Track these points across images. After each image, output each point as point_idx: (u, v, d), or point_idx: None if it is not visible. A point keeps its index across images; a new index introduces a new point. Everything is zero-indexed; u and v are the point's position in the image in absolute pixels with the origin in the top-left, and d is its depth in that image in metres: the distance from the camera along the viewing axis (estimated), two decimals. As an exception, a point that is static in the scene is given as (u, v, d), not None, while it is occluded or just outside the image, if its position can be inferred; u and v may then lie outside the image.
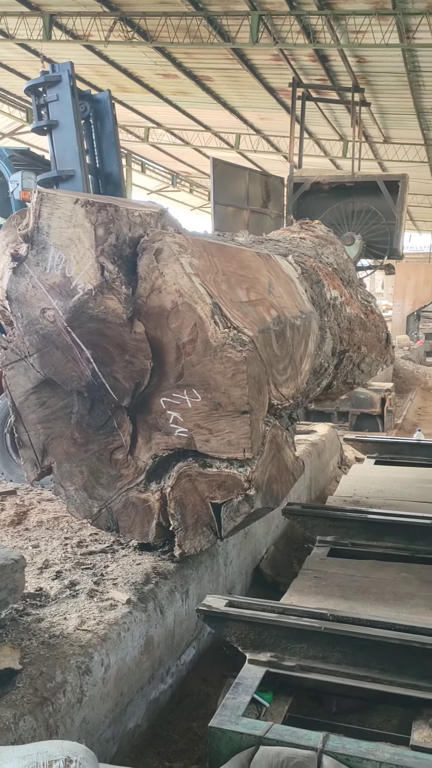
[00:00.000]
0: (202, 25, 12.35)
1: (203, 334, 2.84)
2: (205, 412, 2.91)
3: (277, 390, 3.21)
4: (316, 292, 4.14)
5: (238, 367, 2.81)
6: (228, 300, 2.99)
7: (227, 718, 2.30)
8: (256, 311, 3.17)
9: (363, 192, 11.32)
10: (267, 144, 21.04)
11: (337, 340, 4.26)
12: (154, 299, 2.90)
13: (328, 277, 4.43)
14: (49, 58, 14.17)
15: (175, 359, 2.92)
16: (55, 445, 3.28)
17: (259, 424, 2.99)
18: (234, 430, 2.87)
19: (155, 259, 2.90)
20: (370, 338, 4.88)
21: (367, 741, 2.20)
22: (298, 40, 12.40)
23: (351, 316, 4.56)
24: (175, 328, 2.89)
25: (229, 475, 2.91)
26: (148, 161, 25.71)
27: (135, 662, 2.60)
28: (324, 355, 4.04)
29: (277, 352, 3.23)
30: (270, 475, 3.15)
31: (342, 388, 4.88)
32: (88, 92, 5.21)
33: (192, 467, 2.98)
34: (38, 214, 3.01)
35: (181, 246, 2.94)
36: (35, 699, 2.09)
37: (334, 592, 3.44)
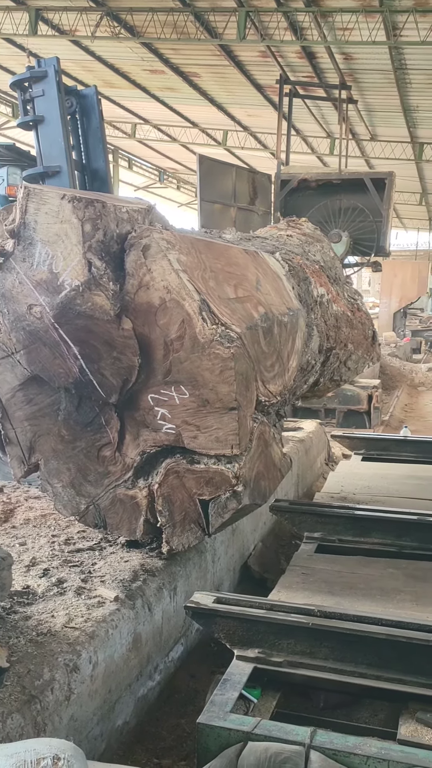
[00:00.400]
0: (190, 21, 12.33)
1: (191, 330, 2.84)
2: (193, 408, 2.91)
3: (265, 387, 3.21)
4: (303, 289, 4.15)
5: (226, 363, 2.81)
6: (216, 297, 3.00)
7: (215, 715, 2.30)
8: (244, 308, 3.18)
9: (350, 189, 11.35)
10: (254, 141, 21.06)
11: (324, 338, 4.28)
12: (141, 296, 2.90)
13: (315, 275, 4.44)
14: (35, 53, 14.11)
15: (163, 356, 2.91)
16: (43, 442, 3.27)
17: (247, 420, 3.00)
18: (222, 427, 2.87)
19: (143, 255, 2.89)
20: (357, 336, 4.91)
21: (354, 736, 2.21)
22: (285, 37, 12.42)
23: (338, 313, 4.58)
24: (163, 324, 2.88)
25: (216, 472, 2.92)
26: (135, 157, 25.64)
27: (123, 659, 2.60)
28: (311, 352, 4.05)
29: (265, 348, 3.24)
30: (258, 471, 3.16)
31: (329, 385, 4.90)
32: (74, 87, 5.19)
33: (180, 464, 2.99)
34: (25, 209, 3.00)
35: (169, 242, 2.93)
36: (23, 697, 2.09)
37: (322, 588, 3.45)
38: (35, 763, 1.48)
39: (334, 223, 11.35)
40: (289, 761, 2.05)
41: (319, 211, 11.37)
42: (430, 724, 2.37)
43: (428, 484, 5.45)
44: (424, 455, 6.43)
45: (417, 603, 3.28)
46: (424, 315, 29.14)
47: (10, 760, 1.50)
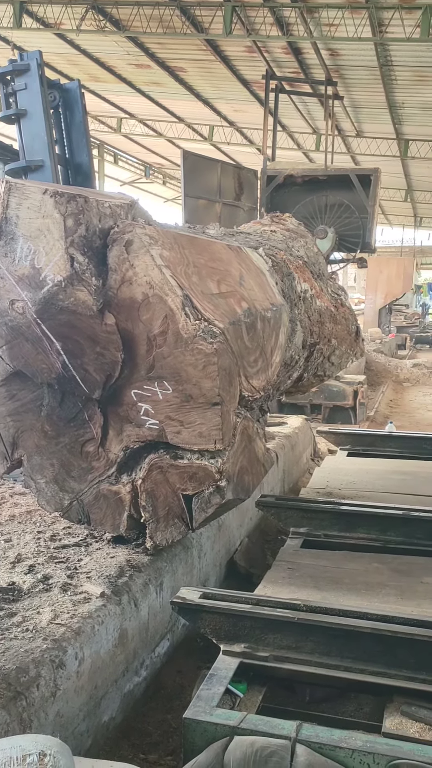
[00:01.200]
0: (176, 15, 12.28)
1: (174, 326, 2.84)
2: (177, 404, 2.91)
3: (248, 382, 3.22)
4: (287, 284, 4.15)
5: (209, 359, 2.82)
6: (199, 292, 2.99)
7: (201, 709, 2.31)
8: (227, 303, 3.18)
9: (336, 185, 11.36)
10: (240, 136, 21.04)
11: (308, 333, 4.29)
12: (124, 291, 2.89)
13: (299, 270, 4.45)
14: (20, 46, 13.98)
15: (146, 351, 2.91)
16: (26, 438, 3.26)
17: (230, 415, 3.00)
18: (205, 422, 2.88)
19: (126, 250, 2.89)
20: (341, 331, 4.92)
21: (340, 729, 2.23)
22: (271, 33, 12.41)
23: (321, 308, 4.59)
24: (146, 320, 2.88)
25: (200, 467, 2.92)
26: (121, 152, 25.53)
27: (109, 655, 2.60)
28: (295, 347, 4.06)
29: (248, 344, 3.24)
30: (241, 466, 3.16)
31: (313, 380, 4.92)
32: (57, 81, 5.14)
33: (163, 459, 2.99)
34: (6, 204, 2.98)
35: (152, 238, 2.93)
36: (8, 693, 2.08)
37: (307, 582, 3.47)
38: (21, 760, 1.48)
39: (320, 219, 11.36)
40: (275, 755, 2.06)
41: (305, 207, 11.38)
42: (414, 717, 2.39)
43: (413, 479, 5.49)
44: (409, 450, 6.47)
45: (402, 597, 3.31)
46: (409, 311, 29.31)
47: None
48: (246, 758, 2.05)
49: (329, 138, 13.53)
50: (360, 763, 2.09)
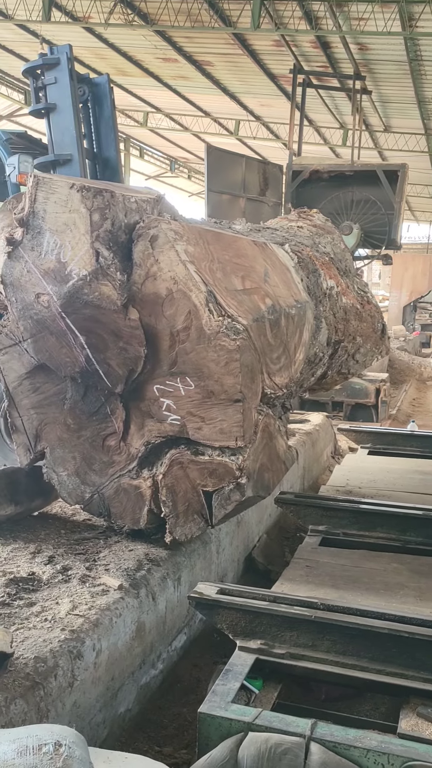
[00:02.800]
0: (204, 9, 12.24)
1: (197, 321, 2.84)
2: (198, 399, 2.91)
3: (271, 379, 3.21)
4: (312, 281, 4.13)
5: (232, 355, 2.81)
6: (223, 288, 2.99)
7: (217, 704, 2.31)
8: (251, 300, 3.17)
9: (362, 181, 11.26)
10: (266, 131, 20.92)
11: (333, 330, 4.26)
12: (148, 286, 2.90)
13: (325, 267, 4.42)
14: (48, 39, 14.04)
15: (169, 346, 2.92)
16: (49, 431, 3.29)
17: (252, 412, 3.00)
18: (226, 419, 2.88)
19: (151, 245, 2.89)
20: (366, 329, 4.88)
21: (355, 729, 2.22)
22: (299, 26, 12.31)
23: (347, 306, 4.55)
24: (170, 315, 2.88)
25: (220, 463, 2.92)
26: (147, 146, 25.54)
27: (126, 647, 2.62)
28: (319, 344, 4.04)
29: (271, 341, 3.23)
30: (261, 463, 3.16)
31: (336, 378, 4.89)
32: (86, 76, 5.16)
33: (184, 455, 2.99)
34: (34, 198, 3.00)
35: (177, 233, 2.93)
36: (26, 683, 2.10)
37: (325, 581, 3.46)
38: (37, 749, 1.50)
39: (346, 215, 11.27)
40: (289, 752, 2.06)
41: (331, 202, 11.29)
42: (430, 718, 2.37)
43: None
44: (430, 450, 6.41)
45: (420, 598, 3.28)
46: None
47: (13, 746, 1.52)
48: (260, 754, 2.05)
49: (356, 133, 13.40)
50: (374, 763, 2.08)
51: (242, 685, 2.48)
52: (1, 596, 2.62)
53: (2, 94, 18.81)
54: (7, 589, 2.69)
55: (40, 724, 1.98)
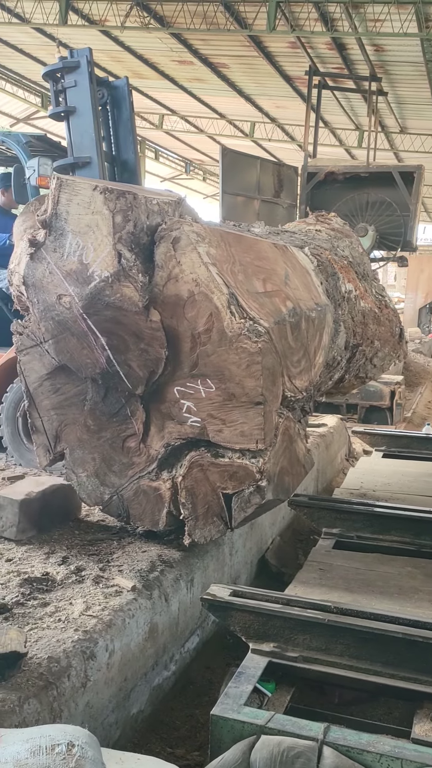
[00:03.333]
0: (219, 12, 12.25)
1: (219, 324, 2.84)
2: (219, 402, 2.91)
3: (291, 382, 3.20)
4: (331, 285, 4.12)
5: (253, 357, 2.81)
6: (244, 290, 2.99)
7: (229, 707, 2.31)
8: (272, 302, 3.17)
9: (378, 183, 11.22)
10: (282, 132, 20.90)
11: (351, 334, 4.25)
12: (170, 288, 2.90)
13: (344, 270, 4.41)
14: (65, 43, 14.13)
15: (190, 348, 2.92)
16: (68, 432, 3.30)
17: (273, 415, 2.99)
18: (247, 421, 2.87)
19: (173, 247, 2.89)
20: (384, 333, 4.87)
21: (368, 733, 2.21)
22: (315, 28, 12.28)
23: (365, 310, 4.54)
24: (191, 317, 2.89)
25: (241, 466, 2.92)
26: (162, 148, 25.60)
27: (139, 648, 2.62)
28: (337, 348, 4.03)
29: (292, 343, 3.23)
30: (282, 467, 3.15)
31: (354, 382, 4.87)
32: (105, 79, 5.18)
33: (204, 457, 2.99)
34: (57, 200, 3.01)
35: (199, 235, 2.93)
36: (40, 683, 2.12)
37: (339, 584, 3.44)
38: (50, 749, 1.50)
39: (361, 217, 11.22)
40: (301, 756, 2.05)
41: (346, 204, 11.25)
42: (444, 724, 2.35)
43: (449, 482, 5.40)
44: (446, 454, 6.36)
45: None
46: (450, 311, 28.73)
47: (26, 745, 1.52)
48: (272, 758, 2.05)
49: (372, 134, 13.35)
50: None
51: (255, 688, 2.48)
52: (16, 596, 2.64)
53: (19, 97, 18.94)
54: (21, 589, 2.70)
55: (53, 724, 1.99)
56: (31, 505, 3.29)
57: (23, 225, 3.26)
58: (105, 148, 5.13)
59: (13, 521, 3.23)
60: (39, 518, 3.34)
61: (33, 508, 3.30)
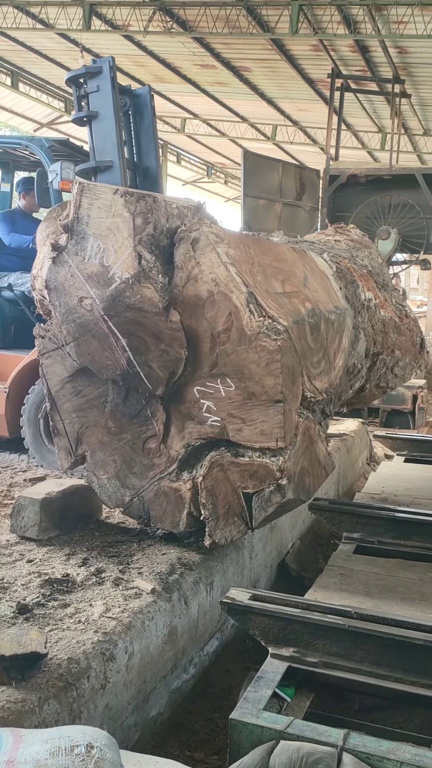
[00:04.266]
0: (242, 15, 12.25)
1: (238, 323, 2.86)
2: (239, 401, 2.92)
3: (311, 382, 3.20)
4: (351, 292, 4.12)
5: (273, 356, 2.82)
6: (263, 290, 3.01)
7: (248, 711, 2.30)
8: (291, 303, 3.18)
9: (400, 185, 11.13)
10: (304, 135, 20.85)
11: (371, 342, 4.24)
12: (189, 288, 2.93)
13: (363, 279, 4.41)
14: (88, 48, 14.24)
15: (210, 348, 2.94)
16: (90, 434, 3.32)
17: (293, 414, 2.99)
18: (267, 420, 2.88)
19: (192, 248, 2.92)
20: (404, 342, 4.85)
21: (389, 740, 2.19)
22: (338, 31, 12.23)
23: (385, 318, 4.53)
24: (211, 317, 2.91)
25: (261, 465, 2.93)
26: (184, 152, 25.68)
27: (158, 651, 2.62)
28: (357, 355, 4.01)
29: (312, 344, 3.24)
30: (302, 467, 3.15)
31: (375, 391, 4.85)
32: (128, 87, 5.20)
33: (224, 456, 3.00)
34: (78, 204, 3.05)
35: (218, 236, 2.97)
36: (60, 683, 2.13)
37: (359, 589, 3.42)
38: (69, 750, 1.51)
39: (383, 220, 11.15)
40: (321, 762, 2.04)
41: (368, 207, 11.19)
42: (466, 733, 2.32)
43: (473, 488, 5.34)
44: (469, 458, 6.29)
45: (457, 609, 3.22)
46: (473, 315, 28.39)
47: (45, 746, 1.53)
48: (291, 763, 2.03)
49: (395, 137, 13.27)
50: (408, 776, 2.05)
51: (274, 693, 2.47)
52: (36, 597, 2.66)
53: (43, 102, 19.13)
54: (42, 590, 2.72)
55: (72, 725, 2.00)
56: (52, 504, 3.31)
57: (46, 231, 3.31)
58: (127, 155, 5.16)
59: (35, 520, 3.25)
60: (60, 518, 3.36)
61: (54, 507, 3.32)
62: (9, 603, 2.59)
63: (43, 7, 13.08)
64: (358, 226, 6.57)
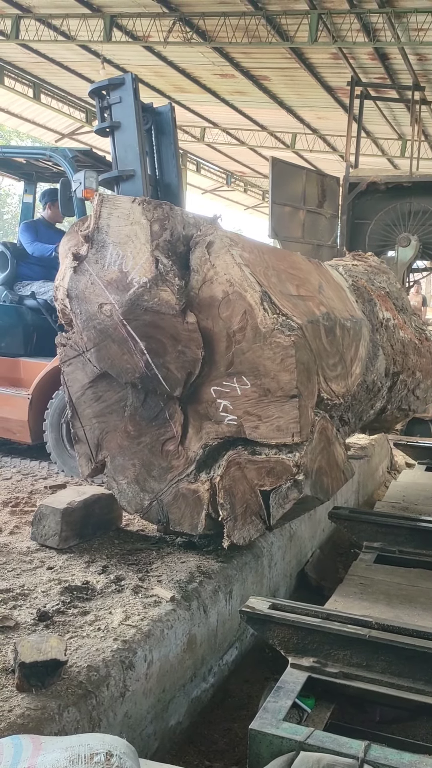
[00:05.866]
0: (261, 25, 12.31)
1: (253, 321, 2.93)
2: (255, 398, 2.96)
3: (327, 384, 3.22)
4: (368, 309, 4.14)
5: (287, 351, 2.87)
6: (277, 291, 3.08)
7: (268, 722, 2.29)
8: (306, 305, 3.25)
9: (421, 192, 11.08)
10: (323, 143, 20.85)
11: (391, 361, 4.23)
12: (205, 290, 3.01)
13: (381, 299, 4.43)
14: (109, 59, 14.39)
15: (226, 348, 3.00)
16: (109, 439, 3.36)
17: (308, 410, 3.01)
18: (283, 415, 2.91)
19: (207, 251, 3.02)
20: (426, 364, 4.85)
21: (410, 752, 2.16)
22: (357, 39, 12.23)
23: (404, 340, 4.53)
24: (226, 317, 2.98)
25: (278, 461, 2.95)
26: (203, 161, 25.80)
27: (178, 660, 2.62)
28: (377, 372, 4.00)
29: (327, 346, 3.27)
30: (320, 466, 3.15)
31: (397, 414, 4.83)
32: (150, 104, 5.26)
33: (241, 455, 3.03)
34: (98, 214, 3.19)
35: (232, 240, 3.07)
36: (79, 691, 2.13)
37: (380, 599, 3.39)
38: (89, 758, 1.51)
39: (403, 227, 11.11)
40: (341, 774, 2.01)
41: (388, 214, 11.16)
42: None
43: None
44: None
45: None
46: None
47: (65, 753, 1.53)
48: (312, 775, 2.01)
49: (415, 144, 13.21)
50: (431, 790, 2.02)
51: (294, 703, 2.45)
52: (57, 604, 2.67)
53: (65, 113, 19.35)
54: (62, 597, 2.73)
55: (92, 733, 2.00)
56: (73, 514, 3.32)
57: (68, 244, 3.41)
58: (149, 171, 5.20)
59: (56, 530, 3.27)
60: (81, 527, 3.37)
61: (75, 517, 3.33)
62: (29, 610, 2.61)
63: (64, 20, 13.25)
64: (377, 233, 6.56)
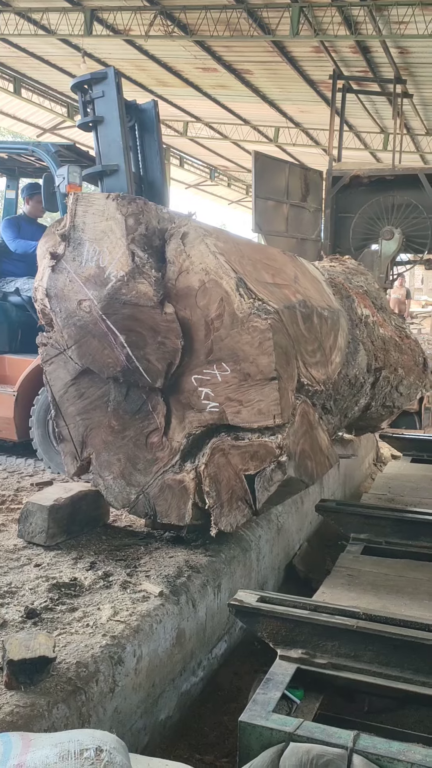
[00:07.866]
0: (243, 18, 12.28)
1: (230, 307, 2.96)
2: (235, 384, 2.99)
3: (307, 369, 3.25)
4: (346, 305, 4.16)
5: (265, 334, 2.90)
6: (253, 279, 3.11)
7: (257, 714, 2.30)
8: (281, 292, 3.30)
9: (404, 185, 11.12)
10: (306, 137, 20.86)
11: (372, 357, 4.26)
12: (182, 280, 3.04)
13: (359, 297, 4.46)
14: (90, 53, 14.29)
15: (205, 336, 3.03)
16: (94, 436, 3.36)
17: (288, 393, 3.04)
18: (263, 398, 2.94)
19: (182, 242, 3.05)
20: (407, 361, 4.89)
21: (399, 741, 2.17)
22: (339, 32, 12.24)
23: (385, 336, 4.57)
24: (203, 305, 3.01)
25: (261, 444, 2.97)
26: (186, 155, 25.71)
27: (167, 654, 2.62)
28: (358, 367, 4.02)
29: (305, 333, 3.31)
30: (302, 449, 3.18)
31: (382, 411, 4.86)
32: (133, 102, 5.22)
33: (224, 441, 3.05)
34: (74, 213, 3.21)
35: (206, 230, 3.10)
36: (68, 687, 2.13)
37: (367, 590, 3.41)
38: (78, 754, 1.51)
39: (387, 220, 11.15)
40: (331, 764, 2.03)
41: (371, 207, 11.19)
42: None
43: None
44: None
45: (466, 609, 3.21)
46: None
47: (55, 750, 1.53)
48: (301, 765, 2.03)
49: (397, 137, 13.25)
50: (419, 777, 2.03)
51: (283, 695, 2.46)
52: (45, 601, 2.66)
53: (46, 108, 19.19)
54: (50, 594, 2.72)
55: (81, 729, 2.00)
56: (60, 511, 3.31)
57: (46, 245, 3.41)
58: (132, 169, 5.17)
59: (43, 527, 3.26)
60: (68, 524, 3.36)
61: (62, 514, 3.32)
62: (17, 607, 2.60)
63: (44, 14, 13.13)
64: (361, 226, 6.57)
